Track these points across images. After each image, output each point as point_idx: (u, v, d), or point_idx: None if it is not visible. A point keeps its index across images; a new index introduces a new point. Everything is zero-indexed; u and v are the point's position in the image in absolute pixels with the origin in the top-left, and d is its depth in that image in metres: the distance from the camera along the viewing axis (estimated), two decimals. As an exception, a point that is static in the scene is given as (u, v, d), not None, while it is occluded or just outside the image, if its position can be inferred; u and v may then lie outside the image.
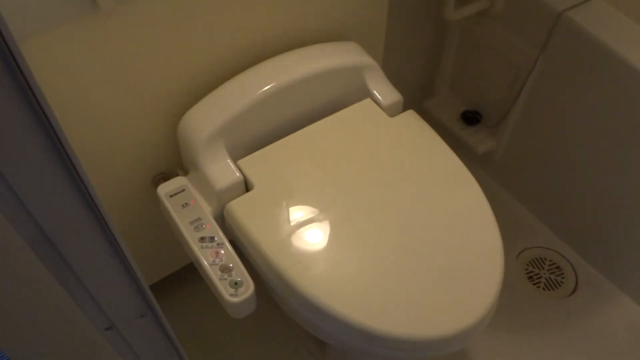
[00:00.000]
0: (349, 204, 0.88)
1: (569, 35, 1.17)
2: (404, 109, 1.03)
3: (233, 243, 0.89)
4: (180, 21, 0.85)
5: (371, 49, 1.15)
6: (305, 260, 0.82)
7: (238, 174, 0.90)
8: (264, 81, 0.93)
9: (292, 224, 0.85)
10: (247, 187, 0.92)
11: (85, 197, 0.43)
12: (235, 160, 0.93)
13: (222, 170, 0.90)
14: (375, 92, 1.01)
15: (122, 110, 0.89)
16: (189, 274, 1.21)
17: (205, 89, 0.96)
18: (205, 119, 0.90)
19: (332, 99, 1.01)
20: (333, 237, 0.84)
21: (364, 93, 1.03)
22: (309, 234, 0.85)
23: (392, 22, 1.26)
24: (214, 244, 0.86)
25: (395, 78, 1.22)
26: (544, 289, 1.35)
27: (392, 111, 1.02)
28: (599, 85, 1.16)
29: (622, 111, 1.15)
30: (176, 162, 1.03)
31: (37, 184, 0.40)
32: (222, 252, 0.86)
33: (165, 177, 1.03)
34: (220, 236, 0.87)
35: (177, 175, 0.98)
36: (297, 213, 0.87)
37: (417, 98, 1.57)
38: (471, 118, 1.49)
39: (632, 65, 1.09)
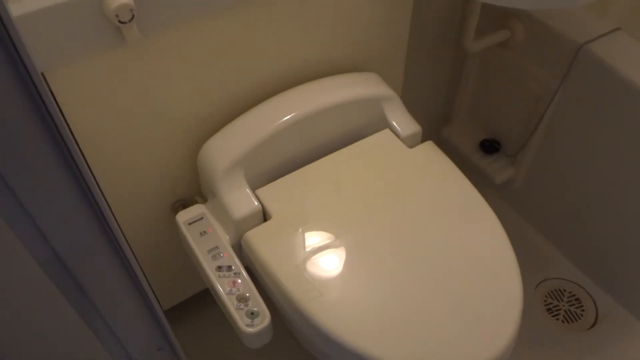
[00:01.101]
0: (366, 235, 0.88)
1: (589, 67, 1.17)
2: (423, 136, 1.03)
3: (249, 270, 0.90)
4: (204, 53, 0.86)
5: (391, 78, 1.16)
6: (321, 289, 0.82)
7: (256, 204, 0.91)
8: (285, 112, 0.94)
9: (309, 254, 0.86)
10: (265, 216, 0.92)
11: (103, 226, 0.43)
12: (254, 189, 0.93)
13: (240, 200, 0.90)
14: (394, 122, 1.02)
15: (143, 138, 0.90)
16: (203, 299, 1.22)
17: (227, 118, 0.97)
18: (225, 149, 0.91)
19: (352, 129, 1.02)
20: (350, 268, 0.84)
21: (383, 124, 1.03)
22: (326, 264, 0.85)
23: (412, 51, 1.27)
24: (231, 273, 0.87)
25: (413, 105, 1.22)
26: (563, 322, 1.33)
27: (410, 142, 1.02)
28: (619, 118, 1.16)
29: (644, 144, 1.14)
30: (196, 189, 1.04)
31: (53, 211, 0.40)
32: (239, 281, 0.86)
33: (185, 204, 1.04)
34: (238, 265, 0.87)
35: (196, 202, 0.99)
36: (315, 244, 0.87)
37: (435, 125, 1.58)
38: (490, 147, 1.48)
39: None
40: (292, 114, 0.94)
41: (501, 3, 0.82)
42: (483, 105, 1.47)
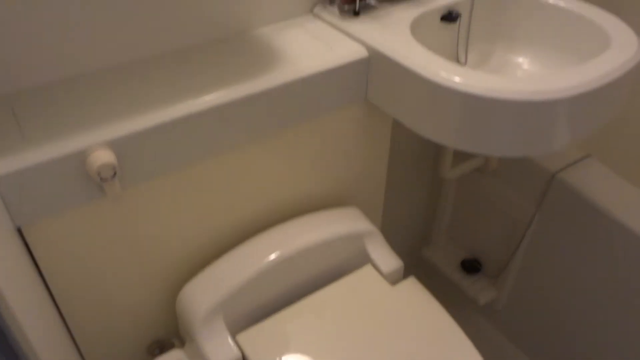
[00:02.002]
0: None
1: (563, 195, 1.20)
2: (405, 256, 1.02)
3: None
4: (183, 196, 0.86)
5: (371, 207, 1.17)
6: None
7: (236, 351, 0.87)
8: (266, 253, 0.93)
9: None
10: (245, 362, 0.89)
11: None
12: (234, 333, 0.90)
13: (219, 347, 0.87)
14: (376, 259, 1.01)
15: (121, 279, 0.88)
16: None
17: (207, 258, 0.96)
18: (205, 293, 0.89)
19: (334, 266, 1.01)
20: None
21: (365, 259, 1.03)
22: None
23: (390, 178, 1.30)
24: None
25: (394, 227, 1.23)
26: None
27: (393, 278, 1.01)
28: (594, 244, 1.17)
29: (618, 269, 1.14)
30: (173, 330, 1.01)
31: None
32: None
33: (161, 345, 1.00)
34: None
35: (173, 344, 0.95)
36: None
37: (416, 245, 1.58)
38: (471, 267, 1.48)
39: (623, 225, 1.10)
40: (274, 256, 0.93)
41: (475, 151, 0.84)
42: (462, 226, 1.49)
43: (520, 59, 1.07)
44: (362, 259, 1.03)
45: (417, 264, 1.60)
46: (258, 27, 0.95)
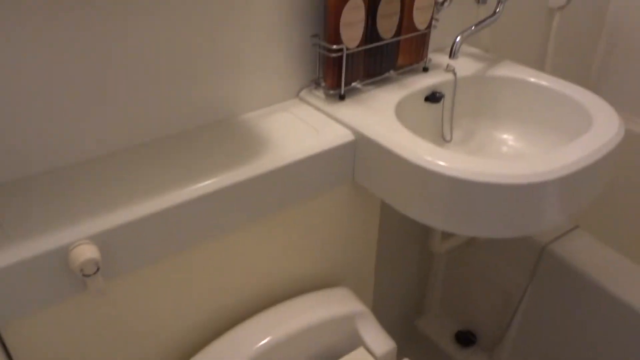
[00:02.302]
0: None
1: (554, 266, 1.19)
2: (398, 328, 1.00)
3: None
4: (169, 286, 0.84)
5: (361, 284, 1.15)
6: None
7: None
8: (256, 339, 0.90)
9: None
10: None
11: None
12: None
13: None
14: (368, 341, 0.99)
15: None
16: None
17: (197, 345, 0.93)
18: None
19: (325, 349, 0.98)
20: None
21: (357, 341, 1.00)
22: None
23: (380, 254, 1.29)
24: None
25: (386, 300, 1.21)
26: None
27: (386, 360, 0.98)
28: (586, 314, 1.16)
29: (612, 339, 1.12)
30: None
31: None
32: None
33: None
34: None
35: None
36: None
37: (409, 316, 1.55)
38: (465, 339, 1.45)
39: (613, 295, 1.09)
40: (264, 342, 0.90)
41: (463, 233, 0.84)
42: (455, 298, 1.47)
43: (505, 136, 1.08)
44: (354, 341, 1.01)
45: (410, 336, 1.57)
46: (246, 112, 0.96)
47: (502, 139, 1.08)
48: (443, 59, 1.13)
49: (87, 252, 0.69)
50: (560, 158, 0.82)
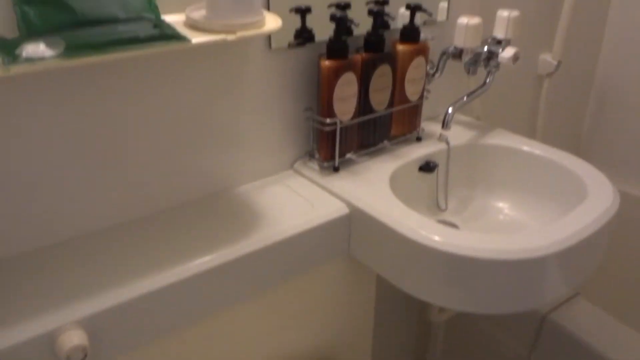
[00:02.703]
0: None
1: (555, 336, 1.16)
2: None
3: None
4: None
5: (358, 358, 1.12)
6: None
7: None
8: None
9: None
10: None
11: None
12: None
13: None
14: (366, 421, 0.95)
15: None
16: None
17: None
18: None
19: None
20: None
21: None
22: None
23: (377, 323, 1.26)
24: None
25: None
26: None
27: None
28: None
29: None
30: None
31: None
32: None
33: None
34: None
35: None
36: None
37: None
38: (467, 411, 1.40)
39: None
40: None
41: (460, 309, 0.82)
42: (455, 367, 1.43)
43: (501, 204, 1.08)
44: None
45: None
46: (240, 184, 0.95)
47: (497, 207, 1.08)
48: (436, 127, 1.14)
49: (75, 338, 0.66)
50: (558, 231, 0.81)
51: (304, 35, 0.90)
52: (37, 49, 0.59)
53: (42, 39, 0.60)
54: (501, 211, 1.07)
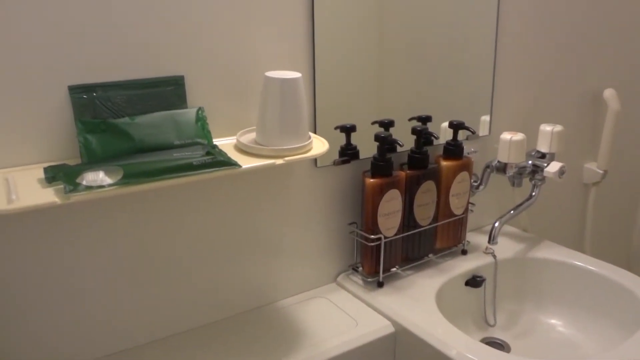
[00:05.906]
0: None
1: None
2: None
3: None
4: None
5: None
6: None
7: None
8: None
9: None
10: None
11: None
12: None
13: None
14: None
15: None
16: None
17: None
18: None
19: None
20: None
21: None
22: None
23: None
24: None
25: None
26: None
27: None
28: None
29: None
30: None
31: None
32: None
33: None
34: None
35: None
36: None
37: None
38: None
39: None
40: None
41: None
42: None
43: (553, 321, 1.03)
44: None
45: None
46: (283, 297, 0.95)
47: (549, 323, 1.03)
48: (481, 239, 1.12)
49: None
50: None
51: (348, 153, 0.92)
52: (96, 177, 0.62)
53: (102, 167, 0.63)
54: (553, 328, 1.02)
